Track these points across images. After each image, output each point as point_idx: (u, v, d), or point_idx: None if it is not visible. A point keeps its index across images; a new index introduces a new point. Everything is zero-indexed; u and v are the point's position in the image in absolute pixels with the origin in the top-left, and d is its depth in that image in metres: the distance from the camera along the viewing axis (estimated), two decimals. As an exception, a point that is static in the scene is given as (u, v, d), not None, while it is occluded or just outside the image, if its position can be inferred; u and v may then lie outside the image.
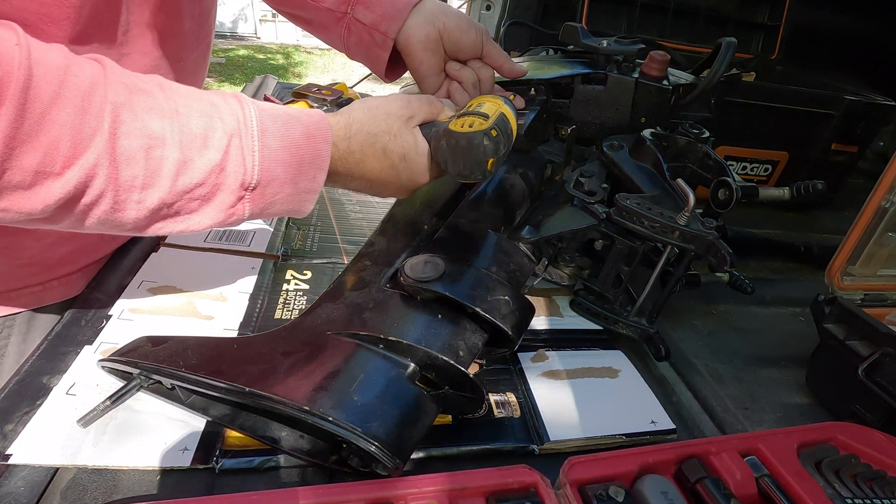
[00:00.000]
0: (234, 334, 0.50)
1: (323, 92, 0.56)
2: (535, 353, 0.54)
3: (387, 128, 0.44)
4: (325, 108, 0.54)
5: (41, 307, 0.56)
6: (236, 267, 0.59)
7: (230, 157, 0.37)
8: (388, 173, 0.45)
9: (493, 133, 0.43)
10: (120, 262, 0.57)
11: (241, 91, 1.10)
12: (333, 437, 0.36)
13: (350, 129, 0.43)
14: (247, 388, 0.36)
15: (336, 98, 0.55)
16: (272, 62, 4.89)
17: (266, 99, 0.66)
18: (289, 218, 0.71)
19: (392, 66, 0.57)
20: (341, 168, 0.43)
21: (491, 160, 0.43)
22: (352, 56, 0.59)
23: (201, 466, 0.38)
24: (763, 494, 0.38)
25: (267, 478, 0.39)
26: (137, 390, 0.41)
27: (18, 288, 0.54)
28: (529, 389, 0.49)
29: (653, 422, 0.48)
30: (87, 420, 0.39)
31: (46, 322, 0.57)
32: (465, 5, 1.23)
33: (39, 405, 0.40)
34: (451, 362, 0.40)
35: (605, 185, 0.55)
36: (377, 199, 0.81)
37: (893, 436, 0.43)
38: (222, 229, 0.64)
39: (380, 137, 0.44)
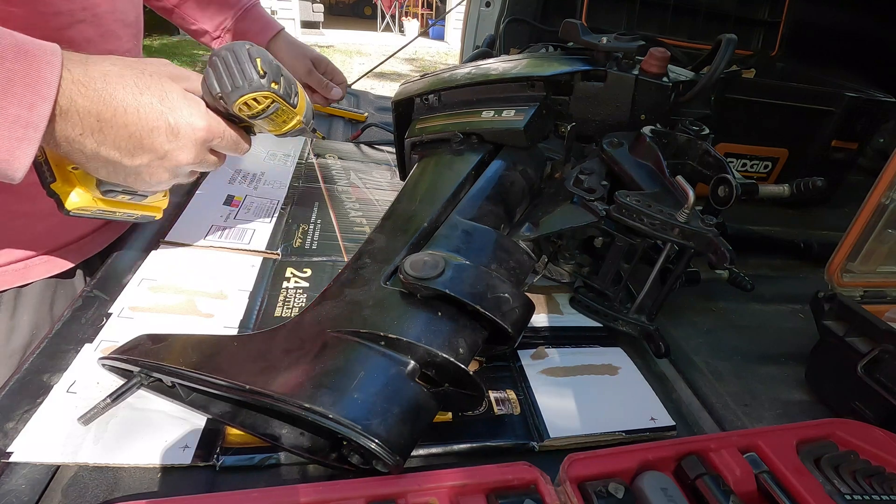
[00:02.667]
0: (234, 332, 0.50)
1: None
2: (534, 350, 0.54)
3: (139, 68, 0.38)
4: None
5: (25, 284, 0.58)
6: (236, 265, 0.59)
7: None
8: (150, 113, 0.37)
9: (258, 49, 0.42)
10: (120, 260, 0.57)
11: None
12: (334, 434, 0.36)
13: (89, 58, 0.36)
14: (247, 386, 0.37)
15: None
16: (271, 59, 4.90)
17: None
18: (289, 215, 0.71)
19: None
20: (80, 99, 0.34)
21: (259, 59, 0.41)
22: None
23: (202, 464, 0.38)
24: (762, 491, 0.38)
25: (267, 475, 0.39)
26: (138, 388, 0.41)
27: (2, 264, 0.55)
28: (529, 387, 0.49)
29: (652, 419, 0.48)
30: (87, 418, 0.39)
31: (32, 299, 0.59)
32: (464, 3, 1.23)
33: (40, 403, 0.40)
34: (452, 360, 0.40)
35: (604, 183, 0.55)
36: (377, 197, 0.82)
37: (893, 432, 0.43)
38: (222, 226, 0.65)
39: (132, 71, 0.37)
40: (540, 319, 0.59)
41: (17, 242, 0.55)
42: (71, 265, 0.61)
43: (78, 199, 0.42)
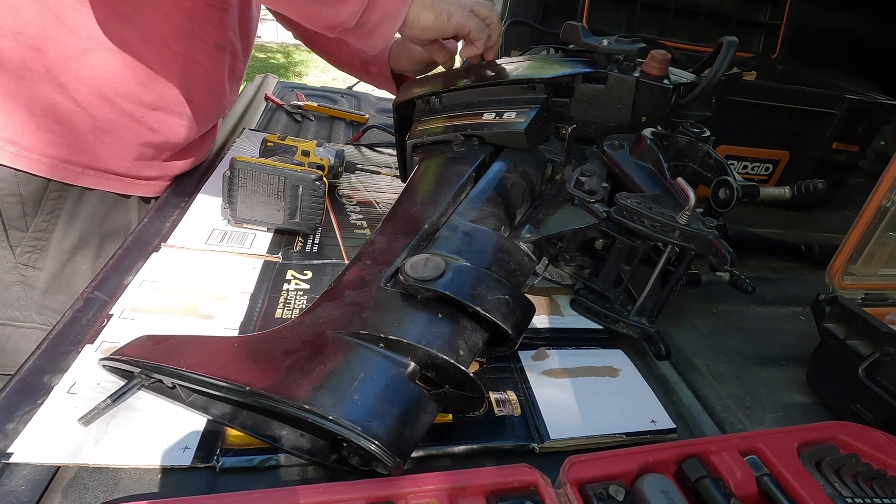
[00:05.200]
0: (235, 333, 0.50)
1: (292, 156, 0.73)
2: (535, 351, 0.54)
3: None
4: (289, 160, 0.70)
5: (90, 189, 0.66)
6: (237, 267, 0.59)
7: None
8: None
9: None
10: (122, 262, 0.57)
11: (242, 90, 1.10)
12: (334, 435, 0.36)
13: None
14: (247, 387, 0.37)
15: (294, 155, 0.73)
16: (273, 61, 4.89)
17: (267, 98, 0.71)
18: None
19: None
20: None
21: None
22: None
23: (202, 465, 0.38)
24: (763, 493, 0.38)
25: (267, 476, 0.39)
26: (138, 389, 0.41)
27: (103, 170, 0.65)
28: (530, 388, 0.49)
29: (653, 421, 0.48)
30: (88, 419, 0.39)
31: (89, 207, 0.67)
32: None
33: (40, 404, 0.40)
34: (452, 361, 0.40)
35: (605, 185, 0.55)
36: (377, 199, 0.82)
37: (894, 435, 0.43)
38: (223, 230, 0.65)
39: None
40: (540, 321, 0.59)
41: (126, 156, 0.66)
42: (139, 195, 0.71)
43: None
